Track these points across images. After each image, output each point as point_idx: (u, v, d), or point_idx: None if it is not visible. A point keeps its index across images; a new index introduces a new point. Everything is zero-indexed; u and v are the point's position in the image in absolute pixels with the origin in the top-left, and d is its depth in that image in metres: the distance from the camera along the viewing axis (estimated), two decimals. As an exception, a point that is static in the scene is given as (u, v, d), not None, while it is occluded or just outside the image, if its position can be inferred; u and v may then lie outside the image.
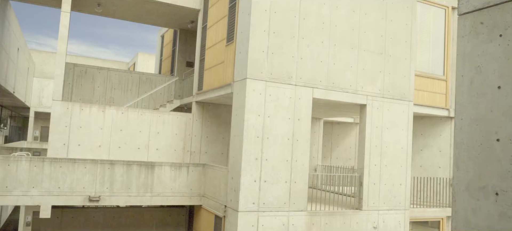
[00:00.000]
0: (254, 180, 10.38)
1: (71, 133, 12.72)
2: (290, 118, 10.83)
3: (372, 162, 12.03)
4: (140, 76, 16.40)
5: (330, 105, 12.93)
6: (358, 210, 11.93)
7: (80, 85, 15.48)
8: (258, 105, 10.45)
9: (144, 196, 11.98)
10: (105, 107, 13.18)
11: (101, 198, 11.48)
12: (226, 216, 10.89)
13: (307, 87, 11.10)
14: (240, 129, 10.49)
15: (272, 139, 10.61)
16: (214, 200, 11.77)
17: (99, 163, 11.54)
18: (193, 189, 12.58)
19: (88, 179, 11.37)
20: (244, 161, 10.28)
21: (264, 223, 10.50)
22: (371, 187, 12.02)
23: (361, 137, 12.16)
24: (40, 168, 10.93)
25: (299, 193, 10.94)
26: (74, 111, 12.81)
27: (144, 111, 13.73)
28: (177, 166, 12.42)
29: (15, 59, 20.07)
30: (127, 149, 13.36)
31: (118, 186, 11.69)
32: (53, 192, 11.01)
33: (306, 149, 11.04)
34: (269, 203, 10.56)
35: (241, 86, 10.65)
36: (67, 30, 13.04)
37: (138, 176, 11.90)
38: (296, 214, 10.93)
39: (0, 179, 10.56)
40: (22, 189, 10.74)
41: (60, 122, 12.62)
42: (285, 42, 10.88)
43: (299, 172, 10.94)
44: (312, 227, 11.20)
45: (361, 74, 11.92)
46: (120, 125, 13.30)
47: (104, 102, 15.55)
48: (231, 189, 10.71)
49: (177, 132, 14.04)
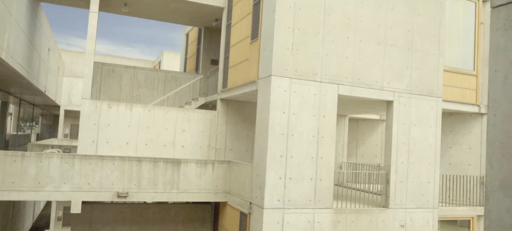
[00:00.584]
0: (279, 177, 10.37)
1: (99, 130, 13.03)
2: (315, 115, 10.76)
3: (399, 159, 11.82)
4: (165, 75, 16.63)
5: (355, 102, 12.77)
6: (385, 208, 11.76)
7: (107, 84, 15.83)
8: (283, 102, 10.43)
9: (170, 192, 12.16)
10: (132, 105, 13.44)
11: (129, 194, 11.72)
12: (251, 212, 10.93)
13: (332, 84, 11.00)
14: (265, 126, 10.50)
15: (297, 136, 10.57)
16: (239, 197, 11.84)
17: (127, 160, 11.78)
18: (218, 186, 12.68)
19: (116, 175, 11.63)
20: (269, 158, 10.28)
21: (289, 220, 10.49)
22: (398, 185, 11.81)
23: (388, 134, 11.97)
24: (70, 164, 11.25)
25: (324, 190, 10.87)
26: (103, 109, 13.11)
27: (170, 109, 13.92)
28: (202, 163, 12.55)
29: (46, 59, 20.71)
30: (154, 146, 13.59)
31: (145, 183, 11.91)
32: (83, 188, 11.31)
33: (331, 146, 10.95)
34: (294, 200, 10.54)
35: (266, 83, 10.65)
36: (95, 30, 13.35)
37: (165, 172, 12.08)
38: (321, 212, 10.86)
39: (33, 175, 10.93)
40: (54, 185, 11.09)
41: (89, 119, 12.95)
42: (309, 38, 10.81)
43: (324, 169, 10.86)
44: (338, 224, 11.11)
45: (387, 70, 11.72)
46: (146, 122, 13.53)
47: (131, 100, 15.85)
48: (256, 186, 10.74)
49: (202, 129, 14.18)
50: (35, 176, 10.93)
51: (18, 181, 10.80)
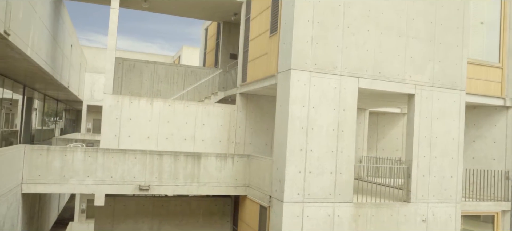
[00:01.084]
0: (299, 171, 10.37)
1: (121, 125, 13.26)
2: (335, 109, 10.69)
3: (421, 153, 11.65)
4: (185, 69, 16.77)
5: (376, 95, 12.63)
6: (406, 203, 11.63)
7: (128, 79, 16.07)
8: (302, 96, 10.40)
9: (190, 185, 12.30)
10: (152, 100, 13.62)
11: (151, 187, 11.91)
12: (271, 206, 10.97)
13: (353, 77, 10.89)
14: (284, 120, 10.50)
15: (317, 130, 10.53)
16: (259, 190, 11.89)
17: (148, 154, 11.97)
18: (238, 179, 12.76)
19: (138, 169, 11.83)
20: (289, 151, 10.28)
21: (309, 214, 10.48)
22: (420, 179, 11.65)
23: (409, 128, 11.80)
24: (94, 158, 11.50)
25: (344, 184, 10.82)
26: (124, 104, 13.33)
27: (189, 103, 14.05)
28: (222, 157, 12.64)
29: (68, 55, 21.15)
30: (174, 140, 13.75)
31: (166, 176, 12.08)
32: (106, 181, 11.55)
33: (351, 140, 10.87)
34: (314, 194, 10.52)
35: (285, 77, 10.63)
36: (116, 26, 13.55)
37: (185, 166, 12.22)
38: (341, 205, 10.82)
39: (58, 169, 11.21)
40: (78, 178, 11.35)
41: (111, 114, 13.18)
42: (329, 31, 10.73)
43: (344, 163, 10.80)
44: (358, 218, 11.05)
45: (409, 63, 11.54)
46: (167, 116, 13.70)
47: (151, 95, 16.06)
48: (276, 179, 10.76)
49: (222, 123, 14.26)
50: (60, 169, 11.21)
51: (44, 174, 11.10)
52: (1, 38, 8.61)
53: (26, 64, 12.78)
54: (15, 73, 15.15)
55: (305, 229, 10.44)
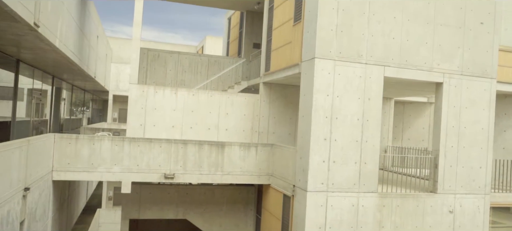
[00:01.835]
0: (322, 161, 10.31)
1: (146, 114, 13.47)
2: (360, 98, 10.55)
3: (449, 144, 11.39)
4: (208, 59, 16.85)
5: (402, 84, 12.38)
6: (433, 193, 11.42)
7: (153, 69, 16.27)
8: (326, 85, 10.30)
9: (214, 174, 12.42)
10: (177, 90, 13.76)
11: (176, 176, 12.09)
12: (294, 195, 10.97)
13: (378, 65, 10.70)
14: (308, 109, 10.43)
15: (341, 119, 10.43)
16: (283, 179, 11.90)
17: (173, 143, 12.13)
18: (261, 168, 12.80)
19: (163, 157, 12.02)
20: (313, 141, 10.23)
21: (333, 204, 10.44)
22: (447, 170, 11.41)
23: (437, 117, 11.54)
24: (120, 147, 11.74)
25: (369, 174, 10.70)
26: (149, 94, 13.52)
27: (213, 93, 14.13)
28: (246, 146, 12.69)
29: (95, 46, 21.56)
30: (198, 129, 13.88)
31: (191, 165, 12.23)
32: (132, 169, 11.79)
33: (376, 130, 10.72)
34: (338, 184, 10.45)
35: (309, 66, 10.54)
36: (141, 17, 13.70)
37: (209, 155, 12.34)
38: (366, 195, 10.72)
39: (87, 157, 11.51)
40: (106, 166, 11.63)
41: (136, 104, 13.40)
42: (354, 19, 10.55)
43: (369, 153, 10.67)
44: (382, 209, 10.93)
45: (437, 51, 11.24)
46: (191, 106, 13.83)
47: (176, 85, 16.23)
48: (299, 169, 10.74)
49: (246, 112, 14.30)
50: (88, 157, 11.51)
51: (73, 162, 11.42)
52: (31, 30, 8.84)
53: (54, 55, 13.10)
54: (44, 64, 15.55)
55: (329, 218, 10.42)
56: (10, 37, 9.58)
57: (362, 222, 10.73)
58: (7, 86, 13.76)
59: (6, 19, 7.78)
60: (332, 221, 10.45)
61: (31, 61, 14.35)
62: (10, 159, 7.91)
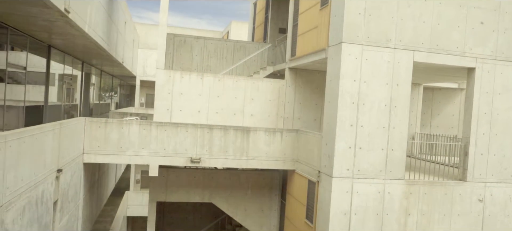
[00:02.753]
0: (348, 147, 10.22)
1: (173, 99, 13.64)
2: (388, 83, 10.35)
3: (480, 131, 11.07)
4: (234, 44, 16.85)
5: (432, 69, 12.06)
6: (462, 181, 11.17)
7: (179, 54, 16.41)
8: (353, 71, 10.14)
9: (240, 159, 12.52)
10: (203, 75, 13.85)
11: (201, 160, 12.26)
12: (319, 181, 10.95)
13: (408, 50, 10.44)
14: (334, 95, 10.32)
15: (368, 105, 10.27)
16: (308, 165, 11.88)
17: (199, 127, 12.27)
18: (286, 154, 12.81)
19: (189, 142, 12.19)
20: (339, 127, 10.14)
21: (359, 190, 10.36)
22: (478, 158, 11.11)
23: (468, 104, 11.21)
24: (148, 131, 11.97)
25: (396, 161, 10.55)
26: (176, 79, 13.67)
27: (239, 78, 14.16)
28: (271, 131, 12.71)
29: (123, 31, 21.90)
30: (224, 114, 13.98)
31: (216, 149, 12.36)
32: (159, 153, 12.02)
33: (404, 116, 10.52)
34: (364, 170, 10.36)
35: (336, 51, 10.39)
36: (167, 2, 13.79)
37: (235, 140, 12.43)
38: (392, 182, 10.59)
39: (116, 140, 11.80)
40: (134, 150, 11.89)
41: (163, 89, 13.58)
42: (383, 2, 10.29)
43: (396, 139, 10.50)
44: (409, 196, 10.78)
45: (470, 34, 10.87)
46: (217, 91, 13.91)
47: (201, 70, 16.34)
48: (325, 155, 10.69)
49: (271, 98, 14.28)
50: (117, 141, 11.79)
51: (102, 145, 11.73)
52: (61, 16, 9.05)
53: (84, 41, 13.39)
54: (74, 50, 15.93)
55: (354, 204, 10.36)
56: (42, 23, 9.85)
57: (388, 209, 10.62)
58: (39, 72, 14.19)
59: (38, 5, 7.99)
60: (357, 208, 10.40)
61: (62, 47, 14.73)
62: (44, 141, 8.20)
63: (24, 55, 12.75)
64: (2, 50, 11.98)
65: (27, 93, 12.76)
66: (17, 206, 6.84)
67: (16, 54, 13.01)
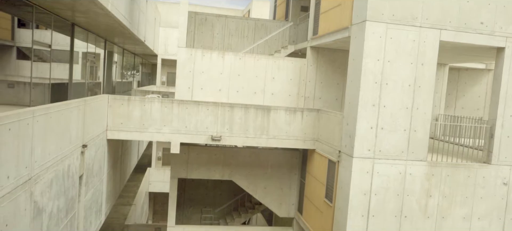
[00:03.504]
0: (370, 127, 10.11)
1: (194, 78, 13.71)
2: (413, 63, 10.12)
3: (507, 113, 10.76)
4: (255, 23, 16.72)
5: (459, 49, 11.71)
6: (486, 164, 10.94)
7: (201, 32, 16.39)
8: (377, 49, 9.95)
9: (260, 138, 12.56)
10: (224, 53, 13.84)
11: (222, 138, 12.35)
12: (340, 161, 10.91)
13: (434, 29, 10.15)
14: (357, 74, 10.17)
15: (392, 85, 10.09)
16: (328, 145, 11.83)
17: (220, 106, 12.33)
18: (307, 133, 12.77)
19: (210, 120, 12.28)
20: (361, 107, 10.02)
21: (380, 170, 10.28)
22: (504, 140, 10.84)
23: (496, 85, 10.88)
24: (169, 108, 12.09)
25: (419, 142, 10.39)
26: (197, 57, 13.71)
27: (260, 57, 14.09)
28: (291, 111, 12.67)
29: (144, 10, 21.97)
30: (244, 93, 13.99)
31: (237, 128, 12.42)
32: (181, 130, 12.16)
33: (429, 96, 10.30)
34: (386, 151, 10.25)
35: (360, 29, 10.19)
36: (189, -20, 13.71)
37: (255, 119, 12.45)
38: (414, 164, 10.46)
39: (138, 118, 11.98)
40: (156, 127, 12.07)
41: (185, 67, 13.65)
42: (409, -21, 9.98)
43: (420, 120, 10.32)
44: (431, 178, 10.65)
45: (500, 13, 10.46)
46: (238, 70, 13.90)
47: (222, 49, 16.31)
48: (346, 134, 10.61)
49: (292, 77, 14.19)
50: (139, 118, 11.98)
51: (125, 122, 11.94)
52: (85, -6, 9.14)
53: (107, 19, 13.51)
54: (97, 28, 16.10)
55: (374, 185, 10.31)
56: (66, 0, 9.96)
57: (408, 190, 10.53)
58: (64, 50, 14.44)
59: (63, -18, 8.07)
60: (378, 188, 10.34)
61: (85, 25, 14.91)
62: (69, 117, 8.39)
63: (48, 33, 12.97)
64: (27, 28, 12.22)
65: (52, 71, 13.03)
66: (45, 179, 7.06)
67: (41, 32, 13.25)
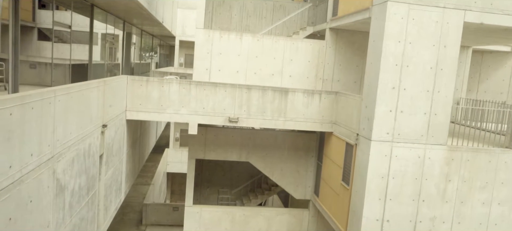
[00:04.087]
0: (389, 110, 9.97)
1: (212, 59, 13.70)
2: (435, 45, 9.87)
3: (533, 97, 10.45)
4: (273, 4, 16.53)
5: (484, 30, 11.36)
6: (509, 149, 10.72)
7: (218, 14, 16.31)
8: (398, 31, 9.73)
9: (277, 120, 12.54)
10: (242, 35, 13.76)
11: (239, 120, 12.38)
12: (357, 144, 10.83)
13: (458, 9, 9.85)
14: (377, 56, 9.99)
15: (413, 67, 9.89)
16: (346, 127, 11.74)
17: (237, 88, 12.32)
18: (324, 116, 12.69)
19: (227, 101, 12.30)
20: (380, 89, 9.87)
21: (398, 154, 10.18)
22: (528, 125, 10.56)
23: (521, 67, 10.55)
24: (187, 90, 12.15)
25: (439, 126, 10.21)
26: (215, 38, 13.67)
27: (278, 38, 13.96)
28: (309, 93, 12.58)
29: (162, -9, 21.94)
30: (262, 75, 13.93)
31: (254, 110, 12.42)
32: (198, 111, 12.23)
33: (451, 79, 10.07)
34: (405, 134, 10.12)
35: (381, 10, 9.97)
36: (207, -40, 13.59)
37: (272, 101, 12.42)
38: (433, 148, 10.31)
39: (157, 98, 12.09)
40: (174, 108, 12.16)
41: (202, 48, 13.64)
42: (433, -42, 9.67)
43: (441, 104, 10.12)
44: (451, 162, 10.49)
45: (528, -7, 10.07)
46: (255, 51, 13.82)
47: (240, 30, 16.22)
48: (364, 117, 10.50)
49: (310, 59, 14.05)
50: (158, 99, 12.08)
51: (144, 103, 12.06)
52: (105, -26, 9.16)
53: (126, 0, 13.56)
54: (116, 9, 16.20)
55: (392, 169, 10.22)
56: (86, -19, 10.02)
57: (427, 174, 10.41)
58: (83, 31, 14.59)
59: (83, -37, 8.09)
60: (396, 172, 10.25)
61: (104, 6, 15.00)
62: (90, 97, 8.51)
63: (68, 14, 13.10)
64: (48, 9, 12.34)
65: (72, 52, 13.21)
66: (67, 157, 7.22)
67: (61, 13, 13.39)
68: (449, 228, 10.80)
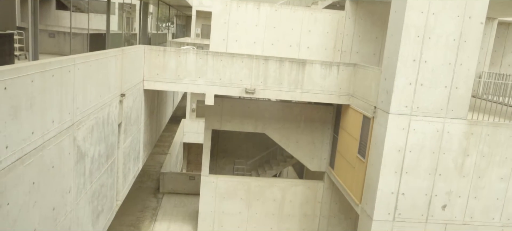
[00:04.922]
0: (409, 83, 9.79)
1: (229, 29, 13.59)
2: (459, 15, 9.56)
3: (559, 71, 10.11)
4: (292, -27, 16.18)
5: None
6: (531, 125, 10.46)
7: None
8: (422, 1, 9.43)
9: (294, 91, 12.46)
10: (259, 5, 13.56)
11: (256, 91, 12.35)
12: (375, 117, 10.72)
13: (484, -22, 9.47)
14: (398, 27, 9.75)
15: (435, 39, 9.63)
16: (364, 100, 11.61)
17: (255, 58, 12.23)
18: (342, 88, 12.56)
19: (244, 73, 12.24)
20: (400, 61, 9.67)
21: (416, 128, 10.05)
22: (553, 100, 10.26)
23: (548, 40, 10.18)
24: (204, 60, 12.13)
25: (459, 99, 10.00)
26: (232, 8, 13.51)
27: (296, 8, 13.72)
28: (327, 65, 12.43)
29: (179, -40, 21.67)
30: (279, 46, 13.78)
31: (271, 81, 12.35)
32: (215, 82, 12.23)
33: (474, 52, 9.79)
34: (424, 108, 9.96)
35: (403, -21, 9.64)
36: None
37: (290, 72, 12.31)
38: (453, 122, 10.14)
39: (174, 69, 12.11)
40: (191, 78, 12.18)
41: (219, 18, 13.52)
42: None
43: (462, 77, 9.88)
44: (470, 137, 10.32)
45: (560, -39, 9.60)
46: (273, 22, 13.63)
47: (258, 0, 15.98)
48: (383, 90, 10.35)
49: (329, 30, 13.80)
50: (175, 69, 12.10)
51: (161, 73, 12.11)
52: None
53: (143, -32, 13.44)
54: (134, -22, 16.08)
55: (409, 142, 10.12)
56: (103, -51, 9.93)
57: (445, 148, 10.28)
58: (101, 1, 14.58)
59: None
60: (413, 146, 10.15)
61: (122, -25, 14.89)
62: (108, 66, 8.58)
63: (87, -18, 13.06)
64: (66, -23, 12.32)
65: (90, 22, 13.25)
66: (86, 125, 7.35)
67: (79, -19, 13.36)
68: (464, 203, 10.73)
